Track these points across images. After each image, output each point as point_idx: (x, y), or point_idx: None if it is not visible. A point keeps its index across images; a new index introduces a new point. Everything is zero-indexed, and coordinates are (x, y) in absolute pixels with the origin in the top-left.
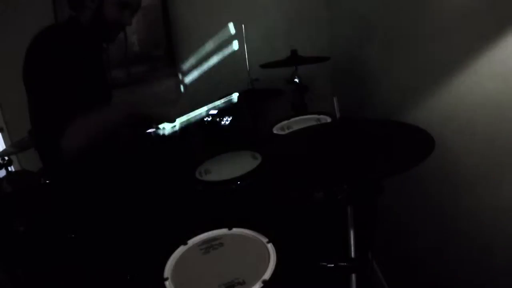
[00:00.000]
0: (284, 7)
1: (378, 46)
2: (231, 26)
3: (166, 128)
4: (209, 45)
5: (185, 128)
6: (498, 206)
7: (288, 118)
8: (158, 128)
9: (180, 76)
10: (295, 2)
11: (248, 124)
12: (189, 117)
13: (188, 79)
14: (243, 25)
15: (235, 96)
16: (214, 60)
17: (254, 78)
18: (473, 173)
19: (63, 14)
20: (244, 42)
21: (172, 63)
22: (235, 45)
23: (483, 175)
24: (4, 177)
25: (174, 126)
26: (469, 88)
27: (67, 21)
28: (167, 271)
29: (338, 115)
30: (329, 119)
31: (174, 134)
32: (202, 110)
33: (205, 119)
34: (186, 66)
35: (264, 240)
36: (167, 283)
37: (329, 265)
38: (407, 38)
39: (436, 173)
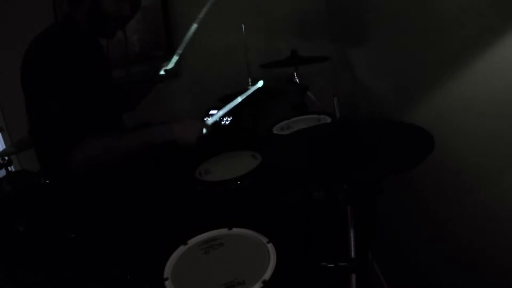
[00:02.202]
0: (284, 7)
1: (378, 45)
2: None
3: None
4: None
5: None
6: (499, 207)
7: (288, 118)
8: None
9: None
10: (295, 2)
11: (248, 124)
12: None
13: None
14: (243, 25)
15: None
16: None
17: (254, 78)
18: (473, 173)
19: (63, 14)
20: (244, 42)
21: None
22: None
23: (483, 175)
24: (4, 177)
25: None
26: (470, 87)
27: (62, 21)
28: (167, 271)
29: (338, 115)
30: (329, 119)
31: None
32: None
33: (205, 119)
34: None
35: (264, 240)
36: (167, 283)
37: (329, 265)
38: (407, 37)
39: (436, 173)
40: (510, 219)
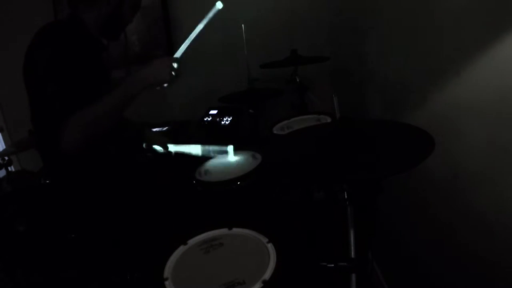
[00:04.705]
0: (284, 7)
1: (378, 46)
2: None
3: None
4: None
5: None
6: (499, 207)
7: (288, 118)
8: (151, 149)
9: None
10: (295, 3)
11: (248, 124)
12: (183, 151)
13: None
14: (243, 25)
15: (230, 149)
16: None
17: (254, 78)
18: (473, 174)
19: (63, 14)
20: (244, 42)
21: None
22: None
23: (483, 176)
24: (4, 177)
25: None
26: (469, 88)
27: (68, 18)
28: (167, 271)
29: (338, 115)
30: (329, 119)
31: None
32: (196, 150)
33: (205, 119)
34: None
35: (264, 240)
36: (167, 283)
37: (329, 265)
38: (407, 37)
39: (436, 173)
40: (509, 219)
